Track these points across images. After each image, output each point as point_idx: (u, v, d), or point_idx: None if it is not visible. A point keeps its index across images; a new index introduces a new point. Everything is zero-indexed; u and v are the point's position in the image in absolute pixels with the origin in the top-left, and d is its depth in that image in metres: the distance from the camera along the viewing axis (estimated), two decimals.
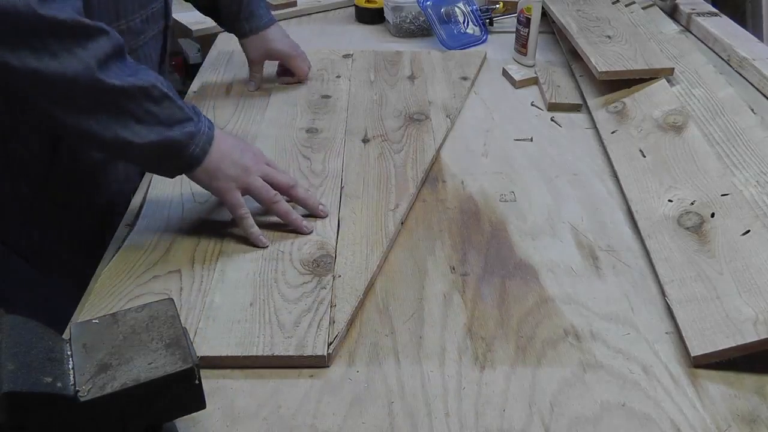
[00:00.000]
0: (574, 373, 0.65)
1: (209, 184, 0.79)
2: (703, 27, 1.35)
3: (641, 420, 0.61)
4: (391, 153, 1.00)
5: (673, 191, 0.87)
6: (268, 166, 0.83)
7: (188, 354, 0.50)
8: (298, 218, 0.82)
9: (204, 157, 0.76)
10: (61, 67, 0.65)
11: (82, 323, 0.54)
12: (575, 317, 0.72)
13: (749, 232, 0.76)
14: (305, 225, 0.82)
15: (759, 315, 0.66)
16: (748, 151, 0.91)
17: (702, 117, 1.01)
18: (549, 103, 1.15)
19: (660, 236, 0.81)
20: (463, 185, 0.94)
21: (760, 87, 1.13)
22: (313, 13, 1.61)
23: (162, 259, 0.78)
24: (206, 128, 0.77)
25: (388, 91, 1.19)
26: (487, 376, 0.65)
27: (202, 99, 1.15)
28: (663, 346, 0.69)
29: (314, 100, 1.15)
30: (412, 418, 0.61)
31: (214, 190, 0.79)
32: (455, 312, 0.73)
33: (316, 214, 0.85)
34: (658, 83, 1.10)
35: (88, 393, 0.47)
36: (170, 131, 0.73)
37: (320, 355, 0.66)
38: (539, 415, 0.61)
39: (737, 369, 0.65)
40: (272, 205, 0.81)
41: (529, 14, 1.27)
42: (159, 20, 0.95)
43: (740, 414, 0.61)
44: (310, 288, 0.74)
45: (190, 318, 0.70)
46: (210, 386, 0.61)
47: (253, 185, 0.80)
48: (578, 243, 0.83)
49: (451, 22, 1.42)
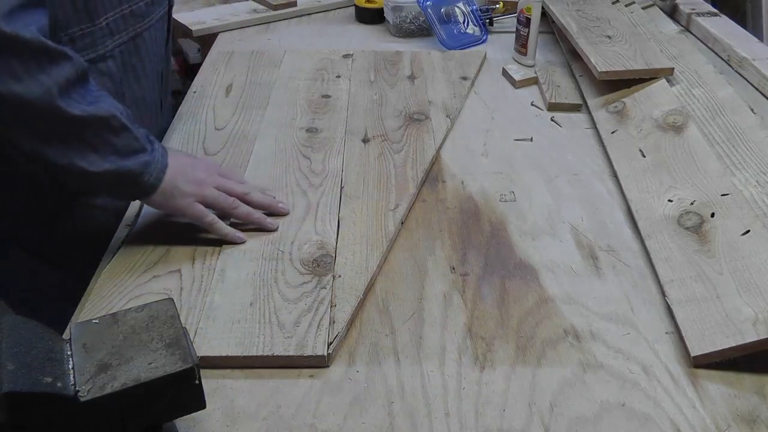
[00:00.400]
0: (574, 373, 0.65)
1: (168, 205, 0.78)
2: (703, 27, 1.35)
3: (641, 420, 0.61)
4: (391, 153, 1.00)
5: (673, 191, 0.87)
6: (222, 176, 0.83)
7: (188, 354, 0.50)
8: (261, 217, 0.83)
9: (159, 184, 0.76)
10: (21, 90, 0.64)
11: (82, 323, 0.54)
12: (575, 317, 0.72)
13: (749, 232, 0.76)
14: (269, 222, 0.83)
15: (759, 315, 0.66)
16: (748, 151, 0.91)
17: (702, 117, 1.01)
18: (549, 103, 1.15)
19: (660, 236, 0.81)
20: (463, 185, 0.94)
21: (760, 87, 1.13)
22: (313, 13, 1.61)
23: (162, 259, 0.78)
24: (160, 156, 0.77)
25: (388, 91, 1.19)
26: (487, 376, 0.65)
27: (202, 99, 1.15)
28: (663, 346, 0.69)
29: (314, 99, 1.15)
30: (412, 418, 0.61)
31: (175, 210, 0.79)
32: (455, 312, 0.73)
33: (277, 213, 0.85)
34: (658, 83, 1.10)
35: (88, 393, 0.47)
36: (126, 161, 0.73)
37: (320, 355, 0.66)
38: (539, 415, 0.61)
39: (737, 369, 0.65)
40: (232, 211, 0.82)
41: (529, 14, 1.27)
42: (164, 2, 0.96)
43: (740, 414, 0.61)
44: (310, 288, 0.74)
45: (190, 318, 0.70)
46: (210, 386, 0.62)
47: (210, 196, 0.80)
48: (578, 243, 0.83)
49: (451, 22, 1.42)
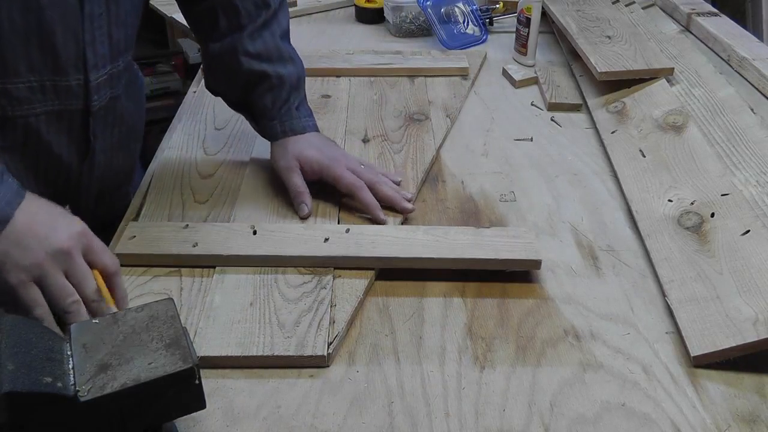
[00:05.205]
0: (574, 373, 0.65)
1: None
2: (703, 27, 1.35)
3: (641, 420, 0.61)
4: (391, 153, 1.00)
5: (673, 191, 0.87)
6: (90, 250, 0.64)
7: (188, 354, 0.50)
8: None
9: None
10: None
11: (82, 323, 0.54)
12: (575, 317, 0.72)
13: (749, 232, 0.76)
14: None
15: (759, 315, 0.66)
16: (748, 151, 0.91)
17: (702, 117, 1.01)
18: (549, 103, 1.15)
19: (660, 236, 0.81)
20: (463, 185, 0.94)
21: (760, 87, 1.13)
22: (313, 13, 1.61)
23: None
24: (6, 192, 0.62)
25: (388, 90, 1.19)
26: (487, 376, 0.65)
27: (202, 99, 1.15)
28: (663, 346, 0.69)
29: (314, 100, 1.15)
30: (412, 417, 0.61)
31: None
32: (455, 312, 0.73)
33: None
34: (658, 83, 1.10)
35: (88, 393, 0.47)
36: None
37: (320, 355, 0.66)
38: (539, 415, 0.61)
39: (737, 369, 0.65)
40: (70, 307, 0.61)
41: (529, 14, 1.27)
42: (66, 98, 0.76)
43: (740, 414, 0.61)
44: (310, 288, 0.74)
45: (190, 318, 0.70)
46: (210, 386, 0.62)
47: (52, 281, 0.61)
48: (578, 243, 0.83)
49: (451, 21, 1.42)
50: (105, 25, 0.76)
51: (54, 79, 0.74)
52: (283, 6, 0.93)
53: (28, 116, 0.74)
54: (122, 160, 0.92)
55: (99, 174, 0.86)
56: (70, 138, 0.79)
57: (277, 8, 0.92)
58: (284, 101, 0.91)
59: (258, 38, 0.89)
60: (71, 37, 0.72)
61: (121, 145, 0.89)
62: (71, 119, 0.78)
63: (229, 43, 0.89)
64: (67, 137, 0.79)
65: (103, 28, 0.76)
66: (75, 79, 0.75)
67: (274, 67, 0.90)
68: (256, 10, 0.89)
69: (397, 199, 0.85)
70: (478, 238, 0.78)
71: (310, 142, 0.89)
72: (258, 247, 0.77)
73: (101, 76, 0.78)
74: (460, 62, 1.28)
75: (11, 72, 0.71)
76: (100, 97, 0.79)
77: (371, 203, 0.83)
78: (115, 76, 0.81)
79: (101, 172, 0.86)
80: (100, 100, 0.79)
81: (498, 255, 0.76)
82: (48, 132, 0.77)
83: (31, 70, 0.72)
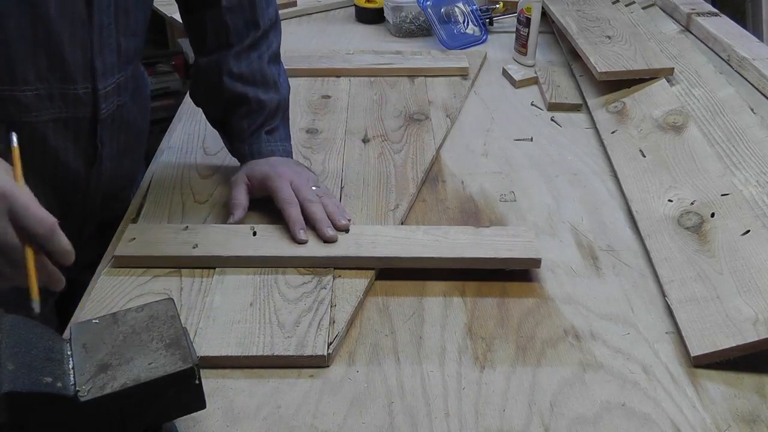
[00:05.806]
0: (574, 373, 0.65)
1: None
2: (703, 27, 1.35)
3: (641, 420, 0.61)
4: (391, 153, 1.00)
5: (673, 191, 0.87)
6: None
7: (188, 354, 0.50)
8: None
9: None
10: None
11: (82, 323, 0.54)
12: (575, 317, 0.72)
13: (749, 232, 0.76)
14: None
15: (759, 315, 0.66)
16: (748, 151, 0.91)
17: (702, 117, 1.01)
18: (549, 103, 1.15)
19: (660, 236, 0.81)
20: (463, 185, 0.94)
21: (760, 87, 1.13)
22: (313, 13, 1.61)
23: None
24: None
25: (388, 90, 1.19)
26: (487, 376, 0.65)
27: None
28: (663, 346, 0.69)
29: (314, 100, 1.15)
30: (412, 417, 0.61)
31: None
32: (455, 312, 0.73)
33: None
34: (658, 83, 1.10)
35: (88, 393, 0.47)
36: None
37: (320, 355, 0.66)
38: (539, 415, 0.61)
39: (737, 369, 0.65)
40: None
41: (529, 14, 1.27)
42: (73, 106, 0.76)
43: (740, 414, 0.61)
44: (310, 288, 0.74)
45: (190, 318, 0.70)
46: (210, 386, 0.62)
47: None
48: (578, 243, 0.83)
49: (451, 21, 1.43)
50: (114, 35, 0.76)
51: (62, 87, 0.74)
52: (275, 27, 0.92)
53: (35, 123, 0.74)
54: (128, 164, 0.92)
55: (105, 180, 0.86)
56: (76, 145, 0.79)
57: (269, 29, 0.91)
58: (258, 126, 0.90)
59: (244, 59, 0.89)
60: (79, 47, 0.72)
61: (127, 150, 0.89)
62: (78, 127, 0.78)
63: (215, 60, 0.89)
64: (74, 145, 0.79)
65: (111, 38, 0.76)
66: (83, 87, 0.75)
67: (255, 91, 0.89)
68: (246, 29, 0.88)
69: (322, 222, 0.79)
70: (478, 238, 0.78)
71: (268, 162, 0.87)
72: (258, 248, 0.77)
73: (109, 85, 0.78)
74: (460, 62, 1.28)
75: (19, 79, 0.71)
76: (108, 105, 0.79)
77: (295, 219, 0.79)
78: (123, 84, 0.81)
79: (108, 178, 0.86)
80: (108, 108, 0.79)
81: (498, 254, 0.76)
82: (55, 139, 0.77)
83: (39, 78, 0.72)
